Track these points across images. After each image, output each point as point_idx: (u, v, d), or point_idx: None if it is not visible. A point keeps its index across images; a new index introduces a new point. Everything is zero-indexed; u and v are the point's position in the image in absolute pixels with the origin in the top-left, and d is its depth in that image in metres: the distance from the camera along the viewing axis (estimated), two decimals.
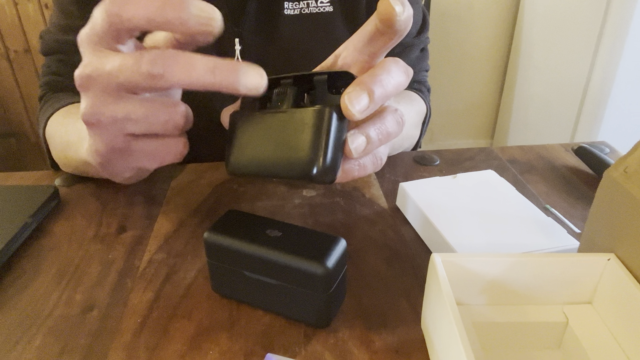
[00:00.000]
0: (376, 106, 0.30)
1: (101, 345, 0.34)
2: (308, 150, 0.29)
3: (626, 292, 0.29)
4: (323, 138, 0.29)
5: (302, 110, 0.30)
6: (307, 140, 0.29)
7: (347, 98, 0.29)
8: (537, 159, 0.58)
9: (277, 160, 0.30)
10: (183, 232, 0.46)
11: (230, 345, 0.34)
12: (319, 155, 0.29)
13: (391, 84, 0.30)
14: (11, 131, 1.86)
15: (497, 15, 1.94)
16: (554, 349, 0.33)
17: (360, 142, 0.30)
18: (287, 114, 0.31)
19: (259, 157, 0.31)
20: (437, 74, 2.00)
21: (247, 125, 0.33)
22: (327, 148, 0.29)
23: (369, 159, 0.33)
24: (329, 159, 0.29)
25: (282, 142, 0.30)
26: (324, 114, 0.29)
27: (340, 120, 0.30)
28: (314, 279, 0.32)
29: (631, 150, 0.32)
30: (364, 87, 0.29)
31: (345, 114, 0.29)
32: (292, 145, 0.30)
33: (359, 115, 0.29)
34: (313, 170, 0.29)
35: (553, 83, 1.73)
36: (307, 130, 0.29)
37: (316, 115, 0.29)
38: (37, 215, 0.47)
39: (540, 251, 0.39)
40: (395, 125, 0.32)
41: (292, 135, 0.30)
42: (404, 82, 0.32)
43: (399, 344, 0.34)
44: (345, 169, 0.32)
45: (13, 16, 1.64)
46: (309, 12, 0.59)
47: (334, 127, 0.29)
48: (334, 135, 0.29)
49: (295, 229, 0.35)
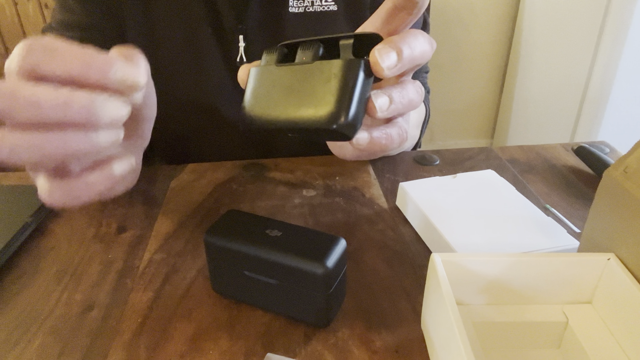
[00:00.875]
0: (403, 67, 0.29)
1: (101, 345, 0.34)
2: (332, 101, 0.28)
3: (626, 292, 0.29)
4: (348, 90, 0.28)
5: (328, 62, 0.29)
6: (332, 91, 0.28)
7: (377, 53, 0.29)
8: (537, 158, 0.58)
9: (297, 112, 0.29)
10: (183, 232, 0.46)
11: (230, 345, 0.34)
12: (343, 106, 0.28)
13: (418, 48, 0.30)
14: None
15: (497, 15, 1.94)
16: (554, 348, 0.33)
17: (384, 100, 0.30)
18: (312, 66, 0.30)
19: (278, 109, 0.30)
20: (437, 74, 2.00)
21: (267, 78, 0.32)
22: (352, 100, 0.28)
23: (395, 129, 0.33)
24: (352, 112, 0.28)
25: (304, 93, 0.29)
26: (353, 65, 0.28)
27: (367, 76, 0.29)
28: (314, 278, 0.32)
29: (631, 150, 0.32)
30: (394, 45, 0.29)
31: (373, 69, 0.29)
32: (314, 95, 0.29)
33: (387, 71, 0.29)
34: (336, 121, 0.28)
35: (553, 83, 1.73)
36: (333, 81, 0.28)
37: (344, 66, 0.29)
38: (37, 215, 0.47)
39: (540, 251, 0.39)
40: (415, 94, 0.32)
41: (315, 86, 0.29)
42: (429, 51, 0.31)
43: (399, 344, 0.34)
44: (374, 137, 0.31)
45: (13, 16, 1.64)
46: (313, 10, 0.59)
47: (361, 80, 0.29)
48: (359, 89, 0.28)
49: (295, 228, 0.35)
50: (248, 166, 0.57)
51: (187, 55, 0.60)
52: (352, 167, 0.56)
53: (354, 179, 0.54)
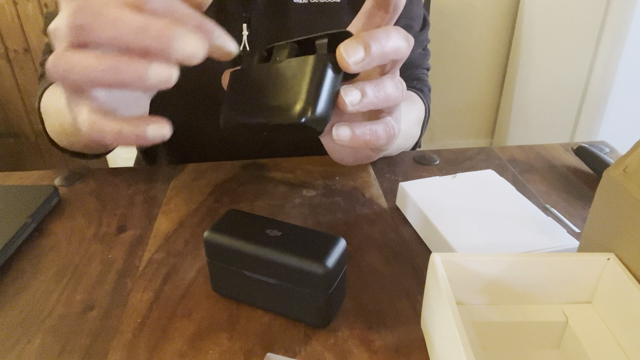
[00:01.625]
0: (372, 61, 0.29)
1: (101, 345, 0.34)
2: (300, 96, 0.29)
3: (626, 292, 0.29)
4: (314, 84, 0.29)
5: (298, 59, 0.30)
6: (300, 86, 0.29)
7: (342, 48, 0.29)
8: (537, 158, 0.58)
9: (269, 108, 0.30)
10: (183, 232, 0.46)
11: (230, 345, 0.34)
12: (309, 100, 0.29)
13: (389, 44, 0.30)
14: (11, 131, 1.86)
15: (497, 15, 1.94)
16: (554, 348, 0.33)
17: (355, 95, 0.30)
18: (284, 64, 0.31)
19: (251, 106, 0.31)
20: (437, 73, 2.00)
21: (243, 78, 0.33)
22: (319, 95, 0.29)
23: (381, 126, 0.33)
24: (319, 106, 0.29)
25: (275, 90, 0.30)
26: (319, 60, 0.29)
27: (335, 71, 0.29)
28: (314, 278, 0.32)
29: (631, 149, 0.32)
30: (361, 40, 0.29)
31: (340, 64, 0.29)
32: (284, 92, 0.30)
33: (353, 66, 0.29)
34: (303, 115, 0.28)
35: (553, 83, 1.73)
36: (301, 77, 0.29)
37: (310, 61, 0.29)
38: (36, 215, 0.47)
39: (540, 251, 0.39)
40: (394, 89, 0.32)
41: (285, 83, 0.30)
42: (405, 47, 0.31)
43: (398, 344, 0.34)
44: (357, 134, 0.31)
45: (13, 16, 1.64)
46: (317, 1, 0.59)
47: (328, 75, 0.29)
48: (327, 84, 0.29)
49: (295, 228, 0.35)
50: (248, 166, 0.57)
51: None
52: (352, 167, 0.56)
53: (354, 178, 0.54)
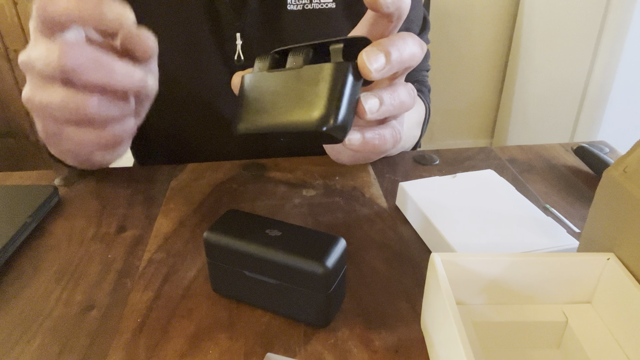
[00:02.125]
0: (392, 69, 0.30)
1: (101, 345, 0.34)
2: (321, 104, 0.29)
3: (625, 292, 0.29)
4: (337, 92, 0.29)
5: (318, 66, 0.30)
6: (321, 94, 0.29)
7: (365, 55, 0.29)
8: (537, 158, 0.58)
9: (287, 116, 0.30)
10: (183, 232, 0.46)
11: (230, 345, 0.34)
12: (332, 108, 0.28)
13: (407, 50, 0.30)
14: (10, 131, 1.86)
15: (496, 15, 1.94)
16: (554, 348, 0.33)
17: (374, 102, 0.30)
18: (302, 70, 0.30)
19: (269, 112, 0.31)
20: (437, 73, 2.00)
21: (258, 84, 0.32)
22: (341, 103, 0.29)
23: (388, 131, 0.33)
24: (341, 114, 0.29)
25: (294, 97, 0.30)
26: (341, 68, 0.29)
27: (355, 78, 0.29)
28: (314, 278, 0.32)
29: (630, 149, 0.32)
30: (382, 48, 0.29)
31: (362, 72, 0.29)
32: (304, 99, 0.29)
33: (375, 73, 0.29)
34: (326, 124, 0.28)
35: (553, 82, 1.73)
36: (322, 84, 0.29)
37: (333, 69, 0.29)
38: (36, 214, 0.47)
39: (540, 251, 0.39)
40: (407, 96, 0.32)
41: (305, 89, 0.30)
42: (419, 54, 0.31)
43: (398, 344, 0.34)
44: (367, 138, 0.32)
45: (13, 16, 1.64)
46: (312, 8, 0.59)
47: (350, 83, 0.29)
48: (348, 92, 0.29)
49: (294, 228, 0.35)
50: (248, 166, 0.57)
51: (184, 53, 0.60)
52: (351, 167, 0.56)
53: (354, 178, 0.54)
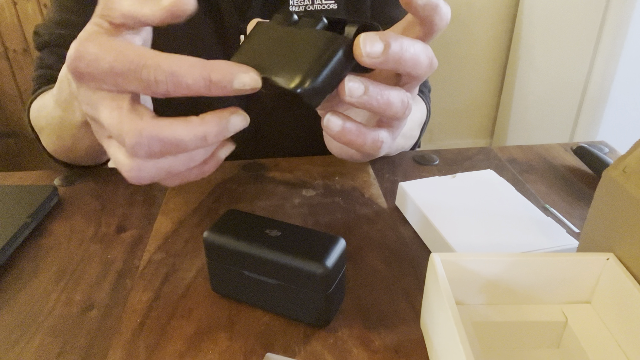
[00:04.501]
0: (387, 62, 0.29)
1: (100, 345, 0.34)
2: (303, 67, 0.29)
3: (625, 292, 0.29)
4: (322, 61, 0.29)
5: (318, 32, 0.30)
6: (308, 58, 0.29)
7: (363, 36, 0.28)
8: (537, 158, 0.58)
9: (273, 69, 0.30)
10: (182, 232, 0.46)
11: (229, 345, 0.34)
12: (310, 74, 0.28)
13: (411, 51, 0.29)
14: (10, 131, 1.86)
15: (496, 15, 1.94)
16: (553, 348, 0.33)
17: (358, 86, 0.29)
18: (303, 32, 0.31)
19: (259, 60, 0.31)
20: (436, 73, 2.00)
21: (266, 33, 0.33)
22: (321, 72, 0.29)
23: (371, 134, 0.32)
24: (317, 82, 0.28)
25: (286, 54, 0.30)
26: (335, 40, 0.29)
27: (345, 55, 0.29)
28: (314, 278, 0.32)
29: (630, 149, 0.32)
30: (384, 37, 0.28)
31: (355, 51, 0.29)
32: (293, 58, 0.30)
33: (366, 58, 0.28)
34: (300, 85, 0.28)
35: (552, 83, 1.73)
36: (313, 49, 0.29)
37: (327, 38, 0.29)
38: (36, 214, 0.47)
39: (540, 251, 0.39)
40: (398, 100, 0.31)
41: (298, 50, 0.30)
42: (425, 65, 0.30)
43: (398, 344, 0.34)
44: (346, 128, 0.31)
45: (12, 16, 1.64)
46: (314, 8, 0.59)
47: (338, 56, 0.29)
48: (333, 64, 0.29)
49: (294, 228, 0.35)
50: (247, 166, 0.57)
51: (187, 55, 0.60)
52: (351, 167, 0.56)
53: (354, 179, 0.54)
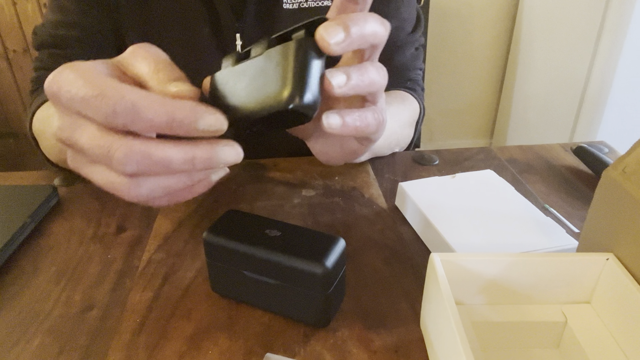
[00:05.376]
0: (352, 43, 0.29)
1: (100, 345, 0.34)
2: (284, 83, 0.28)
3: (625, 292, 0.30)
4: (299, 69, 0.28)
5: (277, 48, 0.30)
6: (283, 73, 0.28)
7: (322, 29, 0.28)
8: (536, 158, 0.58)
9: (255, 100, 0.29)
10: (182, 232, 0.46)
11: (229, 345, 0.34)
12: (296, 85, 0.28)
13: (367, 27, 0.30)
14: (10, 131, 1.86)
15: (496, 15, 1.94)
16: (553, 348, 0.33)
17: (340, 77, 0.29)
18: (263, 56, 0.30)
19: (237, 102, 0.31)
20: (436, 73, 2.00)
21: (225, 79, 0.32)
22: (306, 79, 0.28)
23: (370, 112, 0.32)
24: (307, 90, 0.28)
25: (260, 82, 0.30)
26: (299, 45, 0.28)
27: (316, 53, 0.29)
28: (313, 278, 0.32)
29: (630, 150, 0.32)
30: (340, 22, 0.29)
31: (320, 45, 0.28)
32: (268, 82, 0.29)
33: (335, 47, 0.28)
34: (292, 101, 0.28)
35: (552, 83, 1.73)
36: (283, 63, 0.29)
37: (291, 47, 0.29)
38: (36, 215, 0.47)
39: (539, 251, 0.39)
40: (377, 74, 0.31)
41: (269, 72, 0.29)
42: (382, 32, 0.31)
43: (398, 344, 0.34)
44: (347, 121, 0.31)
45: (12, 16, 1.64)
46: (308, 6, 0.59)
47: (311, 58, 0.29)
48: (311, 67, 0.28)
49: (294, 228, 0.35)
50: (247, 166, 0.57)
51: (185, 55, 0.60)
52: (351, 167, 0.56)
53: (353, 179, 0.54)
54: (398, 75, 0.67)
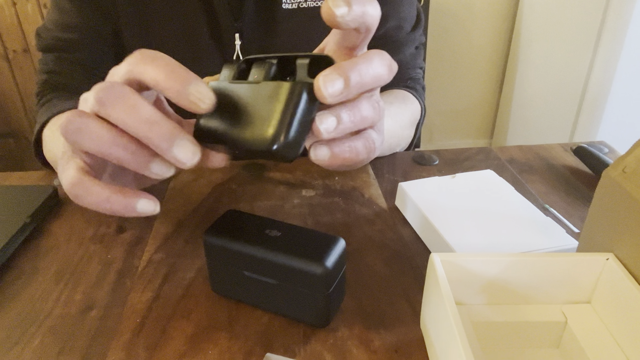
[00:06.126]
0: (350, 94, 0.29)
1: (100, 345, 0.34)
2: (271, 124, 0.28)
3: (625, 292, 0.30)
4: (289, 113, 0.28)
5: (274, 83, 0.30)
6: (273, 113, 0.29)
7: (321, 79, 0.28)
8: (536, 158, 0.58)
9: (241, 131, 0.30)
10: (182, 232, 0.46)
11: (229, 345, 0.34)
12: (281, 129, 0.28)
13: (370, 74, 0.30)
14: (10, 131, 1.86)
15: (496, 15, 1.94)
16: (553, 348, 0.33)
17: (330, 122, 0.29)
18: (259, 86, 0.30)
19: (224, 125, 0.31)
20: (436, 73, 2.00)
21: (220, 93, 0.32)
22: (292, 123, 0.28)
23: (360, 142, 0.32)
24: (291, 135, 0.28)
25: (249, 113, 0.30)
26: (295, 88, 0.29)
27: (310, 100, 0.29)
28: (313, 278, 0.32)
29: (630, 150, 0.32)
30: (341, 72, 0.28)
31: (317, 95, 0.28)
32: (256, 116, 0.29)
33: (330, 99, 0.28)
34: (274, 143, 0.28)
35: (552, 83, 1.73)
36: (275, 103, 0.29)
37: (287, 88, 0.29)
38: (36, 215, 0.47)
39: (539, 251, 0.39)
40: (370, 110, 0.32)
41: (259, 106, 0.29)
42: (386, 75, 0.31)
43: (398, 344, 0.34)
44: (336, 152, 0.31)
45: (12, 16, 1.64)
46: (307, 6, 0.59)
47: (303, 104, 0.29)
48: (301, 112, 0.29)
49: (294, 228, 0.35)
50: (247, 166, 0.57)
51: (184, 56, 0.60)
52: None
53: (353, 179, 0.54)
54: (398, 74, 0.67)
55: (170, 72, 0.28)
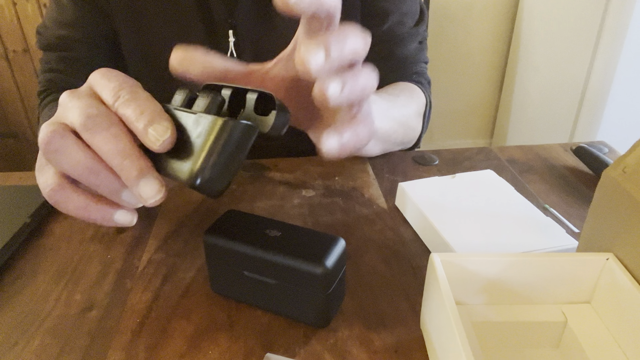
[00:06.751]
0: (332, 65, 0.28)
1: (100, 345, 0.34)
2: (199, 159, 0.28)
3: (624, 292, 0.30)
4: (216, 150, 0.28)
5: (209, 117, 0.29)
6: (202, 148, 0.28)
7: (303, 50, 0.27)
8: (536, 158, 0.58)
9: (172, 161, 0.30)
10: (182, 232, 0.46)
11: (229, 345, 0.34)
12: (206, 165, 0.28)
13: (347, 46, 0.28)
14: (10, 131, 1.86)
15: (496, 15, 1.94)
16: (553, 348, 0.33)
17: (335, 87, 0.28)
18: (198, 117, 0.30)
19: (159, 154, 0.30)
20: (436, 73, 2.00)
21: None
22: (218, 161, 0.28)
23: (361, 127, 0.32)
24: (216, 172, 0.28)
25: (182, 144, 0.30)
26: (226, 126, 0.28)
27: (241, 137, 0.29)
28: (313, 278, 0.32)
29: (630, 150, 0.32)
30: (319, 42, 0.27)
31: (301, 69, 0.27)
32: (188, 149, 0.29)
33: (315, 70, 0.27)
34: (196, 180, 0.28)
35: (552, 83, 1.73)
36: (206, 138, 0.28)
37: (219, 125, 0.28)
38: (36, 215, 0.47)
39: (539, 251, 0.39)
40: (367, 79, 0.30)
41: (192, 139, 0.29)
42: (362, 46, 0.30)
43: (398, 344, 0.34)
44: (343, 143, 0.31)
45: (12, 16, 1.64)
46: None
47: (232, 142, 0.28)
48: (229, 151, 0.28)
49: (294, 228, 0.35)
50: (247, 166, 0.57)
51: None
52: (351, 167, 0.57)
53: (353, 179, 0.54)
54: (403, 67, 0.67)
55: None
